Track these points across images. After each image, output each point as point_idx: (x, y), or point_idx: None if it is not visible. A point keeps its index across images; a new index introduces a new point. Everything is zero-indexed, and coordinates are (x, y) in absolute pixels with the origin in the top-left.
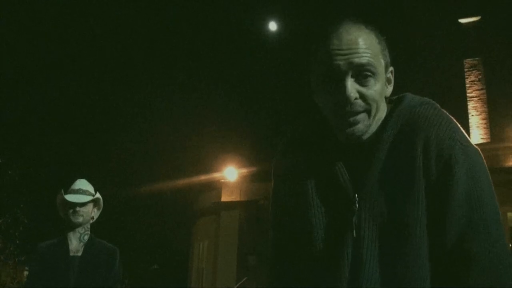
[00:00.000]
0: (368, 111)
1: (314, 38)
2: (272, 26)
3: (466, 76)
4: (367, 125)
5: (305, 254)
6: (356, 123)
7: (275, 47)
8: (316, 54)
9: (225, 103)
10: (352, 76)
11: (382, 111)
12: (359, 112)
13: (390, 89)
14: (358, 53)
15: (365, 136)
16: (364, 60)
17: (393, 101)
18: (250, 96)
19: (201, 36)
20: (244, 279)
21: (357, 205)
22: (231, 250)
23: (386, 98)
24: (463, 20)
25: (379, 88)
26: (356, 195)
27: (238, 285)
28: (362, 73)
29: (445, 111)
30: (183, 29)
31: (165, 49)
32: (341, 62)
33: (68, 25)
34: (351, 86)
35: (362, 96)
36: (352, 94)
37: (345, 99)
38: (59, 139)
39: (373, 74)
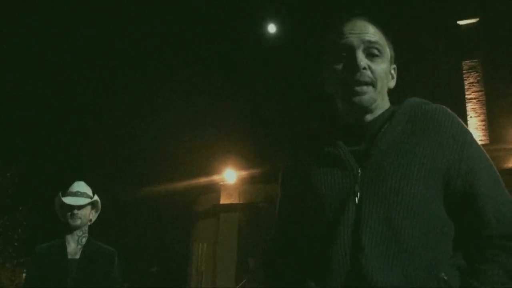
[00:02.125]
0: (374, 84)
1: (328, 25)
2: (271, 28)
3: (465, 78)
4: (373, 98)
5: (310, 222)
6: (363, 93)
7: (276, 49)
8: (330, 36)
9: (224, 105)
10: (362, 51)
11: (386, 100)
12: (366, 83)
13: (393, 83)
14: (369, 33)
15: (369, 116)
16: (374, 38)
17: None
18: (250, 98)
19: (202, 39)
20: (244, 281)
21: (359, 174)
22: (231, 253)
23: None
24: (461, 22)
25: (385, 68)
26: (359, 169)
27: (237, 287)
28: (371, 51)
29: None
30: (184, 31)
31: (166, 51)
32: (353, 39)
33: (68, 25)
34: (361, 56)
35: (370, 68)
36: (362, 63)
37: (355, 67)
38: (58, 141)
39: (381, 53)
